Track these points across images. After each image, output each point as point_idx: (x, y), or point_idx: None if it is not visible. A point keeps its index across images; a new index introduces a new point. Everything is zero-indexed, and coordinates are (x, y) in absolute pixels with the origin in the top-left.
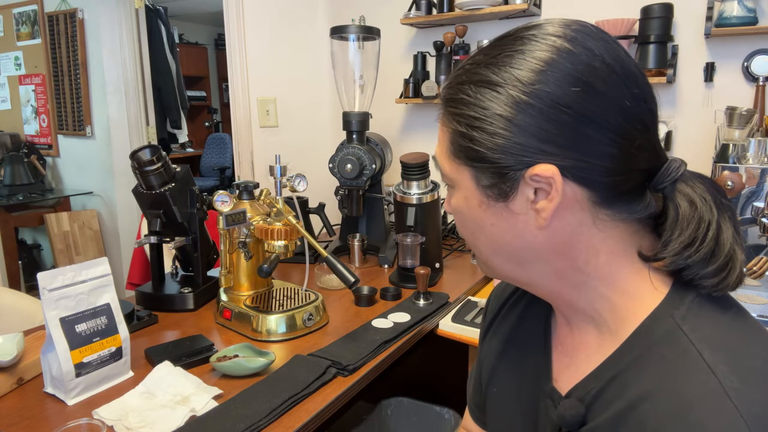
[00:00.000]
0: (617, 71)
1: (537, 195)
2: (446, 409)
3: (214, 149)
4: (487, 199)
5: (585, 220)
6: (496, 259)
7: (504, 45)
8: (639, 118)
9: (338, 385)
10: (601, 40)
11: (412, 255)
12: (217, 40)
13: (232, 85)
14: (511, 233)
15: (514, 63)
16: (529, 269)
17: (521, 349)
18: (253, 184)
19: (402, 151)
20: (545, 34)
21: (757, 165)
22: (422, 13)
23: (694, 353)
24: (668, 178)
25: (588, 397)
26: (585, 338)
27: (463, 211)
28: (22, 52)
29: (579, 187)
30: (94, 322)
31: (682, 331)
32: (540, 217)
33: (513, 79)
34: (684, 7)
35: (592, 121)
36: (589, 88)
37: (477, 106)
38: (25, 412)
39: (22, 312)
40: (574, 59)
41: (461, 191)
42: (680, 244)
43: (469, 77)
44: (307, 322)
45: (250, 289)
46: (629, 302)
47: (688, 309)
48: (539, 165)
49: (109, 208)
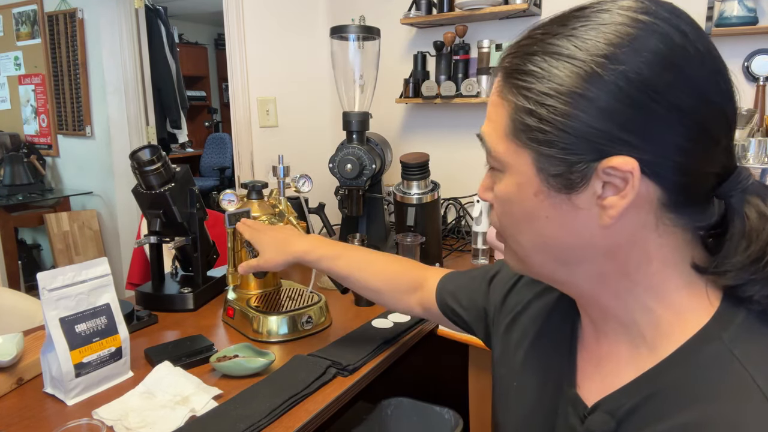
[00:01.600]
0: (709, 63)
1: (605, 190)
2: (446, 409)
3: (213, 149)
4: (548, 189)
5: (648, 222)
6: (538, 257)
7: (584, 16)
8: (725, 116)
9: (338, 385)
10: (693, 26)
11: (412, 255)
12: (217, 40)
13: (232, 85)
14: (566, 229)
15: (599, 37)
16: (573, 269)
17: (545, 350)
18: (262, 183)
19: (402, 151)
20: (633, 10)
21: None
22: (422, 13)
23: (749, 381)
24: (739, 185)
25: (619, 412)
26: (614, 348)
27: (512, 199)
28: (22, 52)
29: (654, 185)
30: (94, 322)
31: (734, 355)
32: (606, 214)
33: (597, 53)
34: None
35: (681, 111)
36: (681, 73)
37: (551, 81)
38: (25, 413)
39: (22, 312)
40: (667, 40)
41: (514, 177)
42: (748, 257)
43: (542, 47)
44: (305, 325)
45: (257, 288)
46: (673, 317)
47: (739, 330)
48: (618, 156)
49: (108, 208)
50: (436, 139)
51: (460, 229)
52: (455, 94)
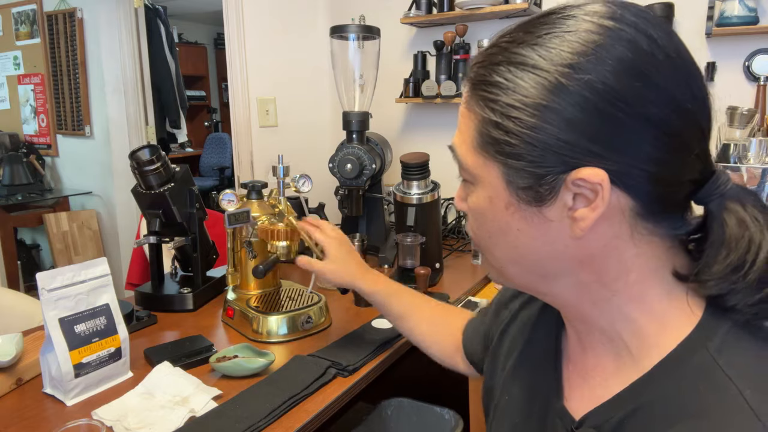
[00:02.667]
0: (680, 67)
1: (575, 201)
2: (446, 410)
3: (213, 149)
4: (518, 202)
5: (623, 232)
6: (513, 269)
7: (550, 23)
8: (698, 123)
9: (338, 386)
10: (663, 29)
11: (412, 255)
12: (216, 40)
13: (232, 85)
14: (539, 242)
15: (563, 45)
16: (551, 281)
17: (532, 362)
18: (262, 183)
19: (402, 151)
20: (600, 16)
21: (758, 165)
22: (422, 13)
23: (734, 392)
24: (717, 191)
25: (607, 426)
26: (600, 360)
27: (484, 212)
28: (21, 52)
29: (625, 195)
30: (93, 322)
31: (719, 366)
32: (577, 226)
33: (561, 63)
34: (684, 7)
35: (648, 120)
36: (649, 82)
37: (516, 92)
38: (24, 413)
39: (21, 312)
40: (635, 47)
41: (485, 190)
42: (728, 266)
43: (507, 57)
44: (305, 325)
45: (257, 289)
46: (656, 327)
47: (723, 340)
48: (586, 168)
49: (108, 208)
50: (436, 139)
51: (460, 229)
52: (455, 94)
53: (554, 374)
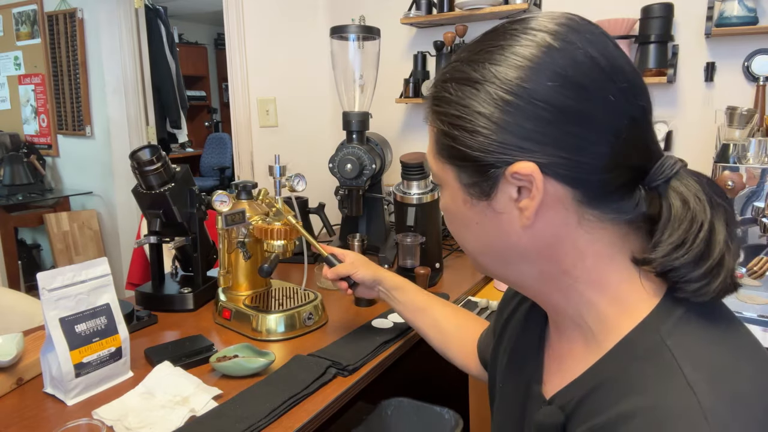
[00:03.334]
0: (602, 65)
1: (520, 194)
2: (446, 409)
3: (213, 149)
4: (471, 198)
5: (569, 220)
6: (483, 258)
7: (486, 41)
8: (626, 114)
9: (338, 386)
10: (587, 32)
11: (412, 255)
12: (216, 40)
13: (232, 85)
14: (495, 232)
15: (494, 59)
16: (516, 270)
17: (523, 350)
18: (252, 183)
19: (402, 151)
20: (527, 29)
21: (758, 165)
22: (422, 13)
23: (676, 369)
24: (662, 175)
25: (569, 405)
26: (573, 345)
27: (450, 209)
28: (22, 52)
29: (561, 185)
30: (94, 322)
31: (666, 346)
32: (523, 216)
33: (492, 76)
34: (684, 7)
35: (573, 117)
36: (569, 83)
37: (458, 104)
38: (25, 413)
39: (22, 312)
40: (556, 55)
41: (448, 190)
42: (670, 244)
43: (452, 75)
44: (307, 321)
45: (248, 289)
46: (616, 310)
47: (676, 324)
48: (519, 163)
49: (108, 208)
50: None
51: None
52: None
53: (536, 363)
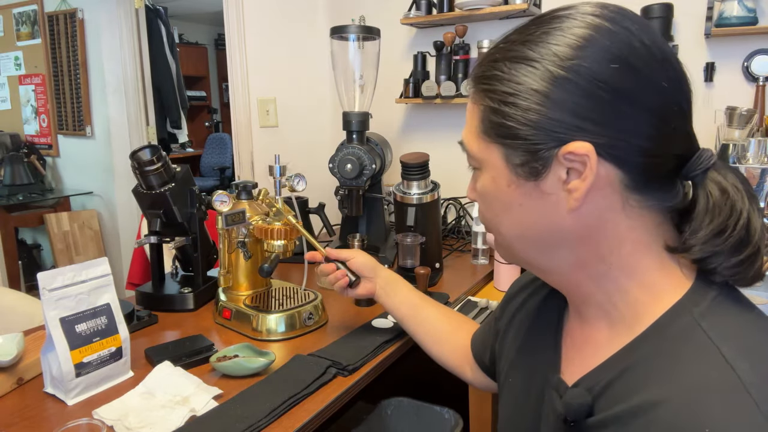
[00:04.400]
0: (655, 52)
1: (569, 175)
2: (446, 409)
3: (214, 149)
4: (517, 178)
5: (615, 204)
6: (519, 244)
7: (541, 23)
8: (676, 101)
9: (338, 385)
10: (639, 22)
11: (412, 255)
12: (217, 40)
13: (232, 85)
14: (539, 214)
15: (551, 39)
16: (552, 255)
17: (535, 342)
18: (252, 183)
19: (402, 151)
20: (583, 13)
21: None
22: (422, 13)
23: (713, 349)
24: (701, 165)
25: (597, 387)
26: (595, 333)
27: (490, 191)
28: (22, 52)
29: (613, 167)
30: (94, 322)
31: (701, 328)
32: (572, 197)
33: (550, 54)
34: (684, 7)
35: (629, 98)
36: (627, 65)
37: (511, 81)
38: (25, 412)
39: (22, 312)
40: (613, 37)
41: (489, 171)
42: (711, 231)
43: (504, 54)
44: (308, 321)
45: (248, 289)
46: (649, 297)
47: (709, 306)
48: (574, 142)
49: (109, 208)
50: (436, 139)
51: (460, 229)
52: (455, 94)
53: (553, 351)
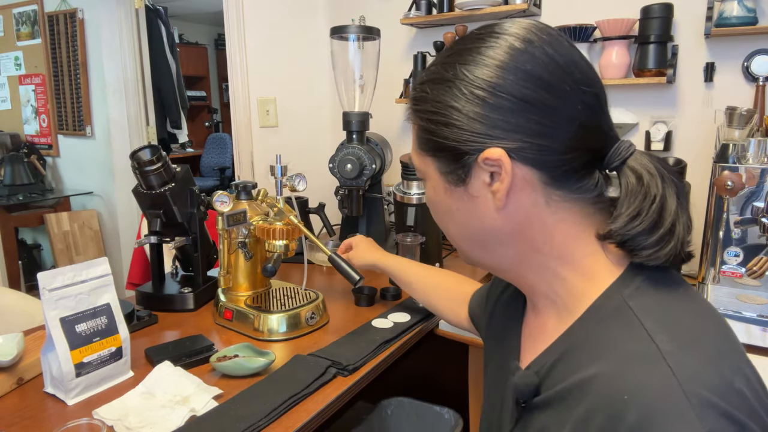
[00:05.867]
0: (558, 60)
1: (493, 179)
2: (446, 409)
3: (214, 149)
4: (449, 185)
5: (538, 201)
6: (464, 244)
7: (457, 45)
8: (580, 101)
9: (338, 385)
10: (544, 33)
11: (412, 255)
12: (217, 40)
13: (232, 85)
14: (473, 216)
15: (463, 60)
16: (494, 253)
17: (503, 333)
18: (252, 184)
19: (402, 151)
20: (492, 33)
21: (757, 165)
22: (422, 13)
23: (637, 324)
24: (618, 157)
25: (543, 370)
26: (545, 321)
27: (433, 200)
28: (22, 52)
29: (528, 168)
30: (94, 322)
31: (629, 306)
32: (496, 198)
33: (462, 74)
34: (684, 7)
35: (534, 106)
36: (530, 77)
37: (434, 101)
38: (25, 412)
39: (22, 312)
40: (517, 53)
41: (430, 182)
42: (627, 216)
43: (428, 77)
44: (310, 321)
45: (248, 290)
46: (585, 283)
47: (637, 288)
48: (489, 149)
49: (109, 208)
50: None
51: None
52: None
53: (516, 340)
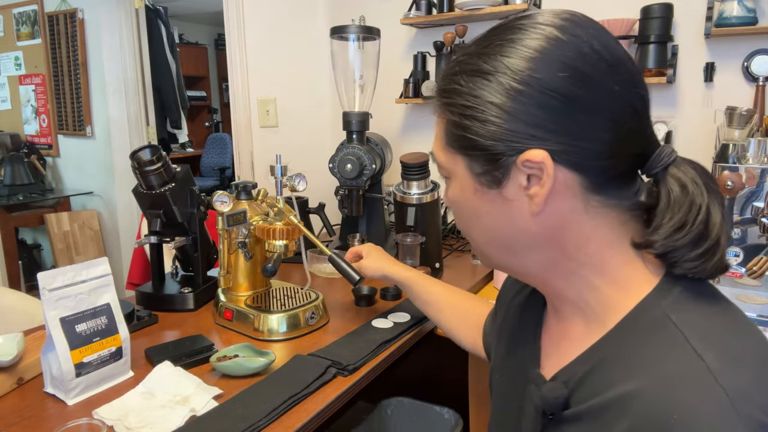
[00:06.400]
0: (606, 57)
1: (530, 181)
2: (446, 409)
3: (214, 149)
4: (481, 187)
5: (577, 206)
6: (490, 249)
7: (495, 35)
8: (628, 103)
9: (338, 385)
10: (590, 27)
11: (412, 255)
12: (217, 40)
13: (232, 85)
14: (505, 220)
15: (504, 51)
16: (523, 258)
17: (518, 339)
18: (252, 184)
19: (402, 151)
20: (535, 23)
21: (757, 165)
22: (422, 13)
23: (681, 339)
24: (660, 163)
25: (572, 381)
26: (570, 328)
27: (459, 200)
28: (22, 52)
29: (570, 172)
30: (94, 322)
31: (670, 320)
32: (533, 203)
33: (503, 67)
34: (684, 7)
35: (581, 105)
36: (577, 73)
37: (469, 95)
38: (25, 412)
39: (22, 312)
40: (563, 46)
41: (457, 181)
42: (671, 227)
43: (462, 68)
44: (310, 321)
45: (248, 290)
46: (618, 292)
47: (676, 300)
48: (530, 150)
49: (109, 208)
50: None
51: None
52: None
53: (533, 348)
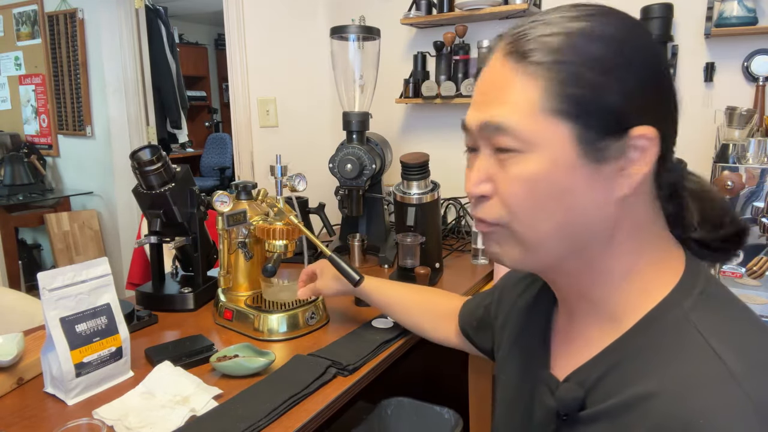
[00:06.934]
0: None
1: (629, 158)
2: (446, 409)
3: (214, 149)
4: (580, 160)
5: (651, 192)
6: (552, 239)
7: (595, 8)
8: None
9: (338, 385)
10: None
11: (412, 255)
12: (217, 40)
13: (232, 85)
14: (590, 201)
15: (614, 21)
16: (577, 253)
17: (525, 339)
18: (252, 184)
19: (402, 151)
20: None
21: (757, 165)
22: (422, 13)
23: (702, 342)
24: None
25: (588, 381)
26: (585, 328)
27: (543, 176)
28: (22, 52)
29: (657, 156)
30: (94, 322)
31: (691, 322)
32: (626, 183)
33: (629, 37)
34: (684, 7)
35: (673, 95)
36: (667, 68)
37: (588, 55)
38: (25, 412)
39: (22, 312)
40: (651, 37)
41: (546, 153)
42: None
43: (567, 28)
44: (310, 321)
45: (248, 290)
46: (639, 292)
47: (696, 301)
48: (644, 126)
49: (109, 208)
50: (436, 139)
51: (460, 229)
52: (455, 94)
53: (543, 347)
